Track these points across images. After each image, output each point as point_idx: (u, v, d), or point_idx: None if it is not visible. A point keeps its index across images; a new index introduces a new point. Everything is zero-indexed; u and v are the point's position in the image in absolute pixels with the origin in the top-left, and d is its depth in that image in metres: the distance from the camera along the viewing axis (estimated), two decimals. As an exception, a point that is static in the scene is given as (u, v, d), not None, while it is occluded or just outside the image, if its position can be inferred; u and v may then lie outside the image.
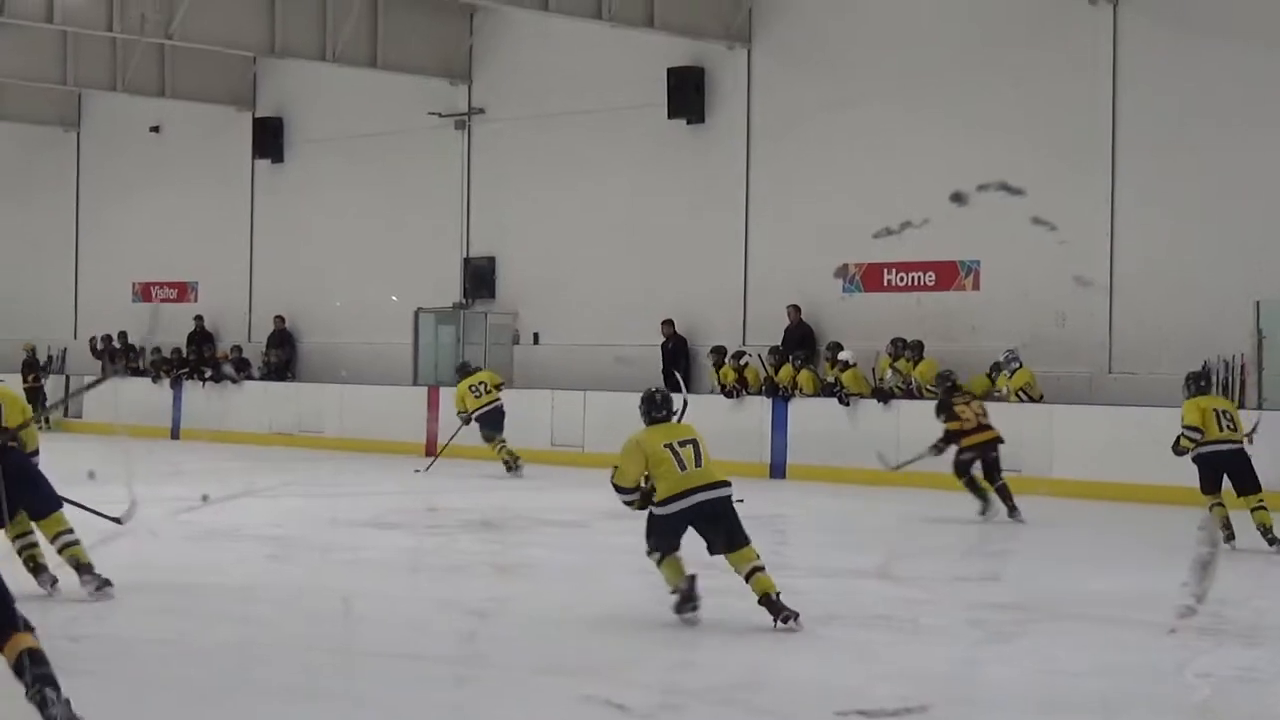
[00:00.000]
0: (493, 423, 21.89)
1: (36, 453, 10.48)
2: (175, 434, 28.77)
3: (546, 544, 14.53)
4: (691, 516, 10.11)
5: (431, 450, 24.29)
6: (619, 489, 10.29)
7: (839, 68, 23.32)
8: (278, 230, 30.33)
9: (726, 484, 10.24)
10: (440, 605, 10.86)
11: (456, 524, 16.18)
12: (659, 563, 10.27)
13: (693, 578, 10.18)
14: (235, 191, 30.95)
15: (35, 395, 30.08)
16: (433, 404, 25.24)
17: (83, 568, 10.40)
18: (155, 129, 32.23)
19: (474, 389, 22.00)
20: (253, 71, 30.30)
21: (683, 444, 10.22)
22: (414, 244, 28.00)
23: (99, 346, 31.57)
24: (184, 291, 31.98)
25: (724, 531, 10.10)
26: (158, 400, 29.21)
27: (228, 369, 28.48)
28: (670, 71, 24.56)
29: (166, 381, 29.38)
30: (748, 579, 10.06)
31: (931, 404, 17.81)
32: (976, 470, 16.76)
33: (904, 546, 14.79)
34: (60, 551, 10.43)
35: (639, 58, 24.84)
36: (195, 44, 25.63)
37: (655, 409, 10.46)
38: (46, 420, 29.53)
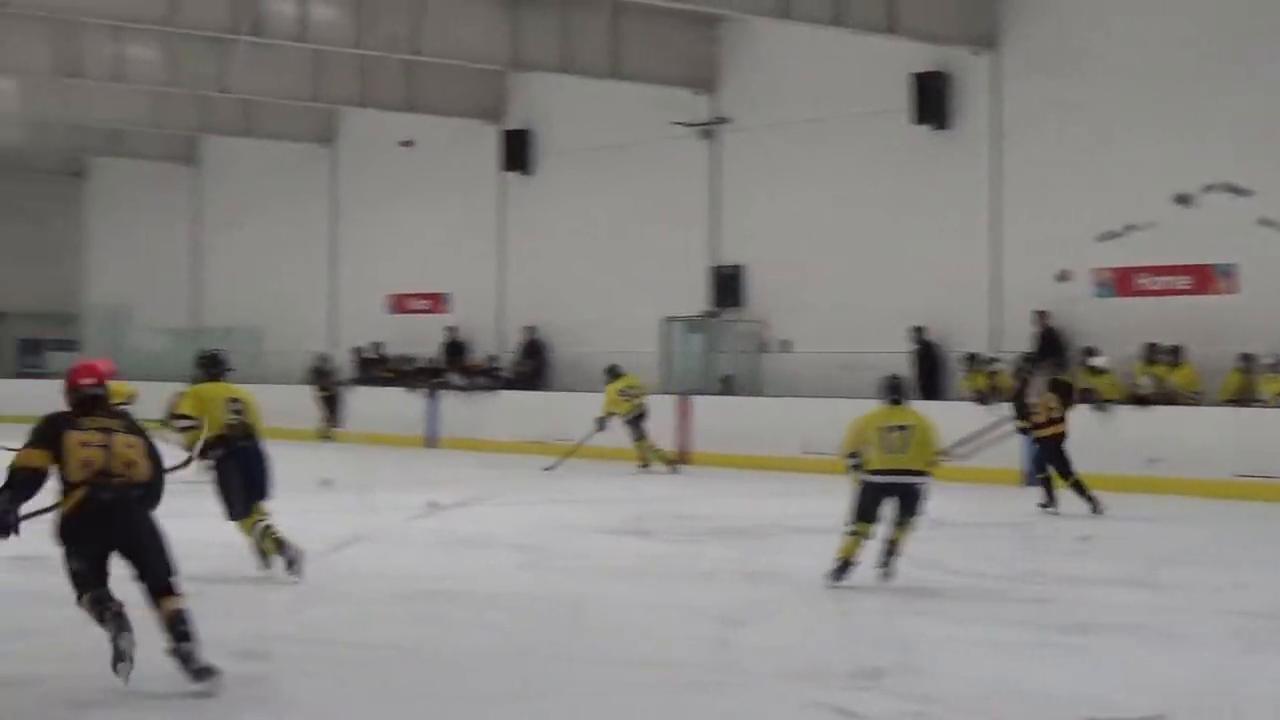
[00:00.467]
0: (640, 425, 23.16)
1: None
2: (431, 443, 29.09)
3: (795, 551, 14.44)
4: (881, 493, 11.61)
5: (684, 459, 24.38)
6: (844, 455, 11.88)
7: (1085, 71, 22.94)
8: (527, 241, 30.59)
9: (921, 474, 11.67)
10: (688, 612, 10.85)
11: (705, 531, 16.17)
12: (849, 532, 11.62)
13: (850, 565, 11.58)
14: (485, 203, 31.25)
15: (331, 403, 30.81)
16: (683, 413, 25.26)
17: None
18: (407, 143, 32.66)
19: (623, 393, 23.30)
20: (502, 85, 30.57)
21: (895, 429, 11.68)
22: (661, 253, 28.06)
23: (360, 356, 32.05)
24: (436, 303, 32.43)
25: (905, 508, 11.65)
26: (413, 410, 29.49)
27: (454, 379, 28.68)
28: (914, 77, 24.32)
29: (422, 391, 29.63)
30: (892, 541, 11.70)
31: (1190, 409, 17.49)
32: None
33: (1158, 551, 14.47)
34: (261, 535, 11.53)
35: (882, 64, 24.67)
36: (441, 59, 25.90)
37: (884, 393, 12.05)
38: (331, 429, 30.44)
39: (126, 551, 7.98)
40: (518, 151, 30.41)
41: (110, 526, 7.91)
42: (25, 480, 7.80)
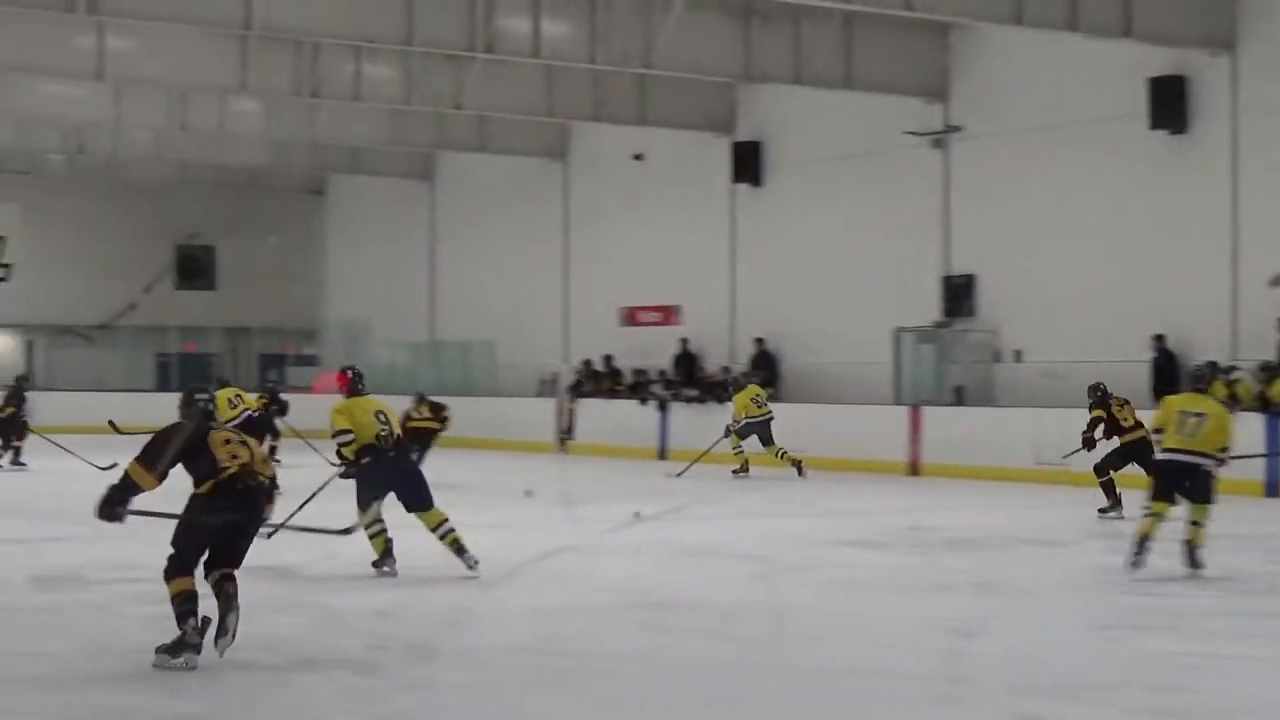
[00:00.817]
0: (767, 432, 23.87)
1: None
2: (662, 455, 29.17)
3: (1029, 563, 14.32)
4: (1174, 473, 12.63)
5: (915, 470, 24.31)
6: (1151, 431, 13.44)
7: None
8: (757, 253, 30.62)
9: (1209, 457, 12.59)
10: (920, 624, 10.81)
11: (939, 542, 16.07)
12: (1147, 513, 12.55)
13: (1146, 543, 12.47)
14: (716, 215, 31.33)
15: (565, 415, 31.14)
16: (915, 424, 25.13)
17: (462, 550, 12.19)
18: (638, 157, 32.92)
19: (755, 400, 24.14)
20: (731, 97, 30.66)
21: (1193, 415, 12.67)
22: (892, 263, 27.95)
23: (589, 369, 32.31)
24: (668, 315, 32.59)
25: (1194, 491, 12.59)
26: (644, 422, 29.64)
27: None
28: (1151, 81, 23.94)
29: (653, 403, 29.77)
30: (1191, 529, 12.61)
31: None
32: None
33: None
34: (442, 539, 12.23)
35: (1117, 68, 24.33)
36: (673, 72, 26.02)
37: (1189, 381, 13.83)
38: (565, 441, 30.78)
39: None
40: (748, 163, 30.49)
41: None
42: None
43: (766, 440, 23.93)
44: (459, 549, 12.21)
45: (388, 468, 12.31)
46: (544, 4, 24.46)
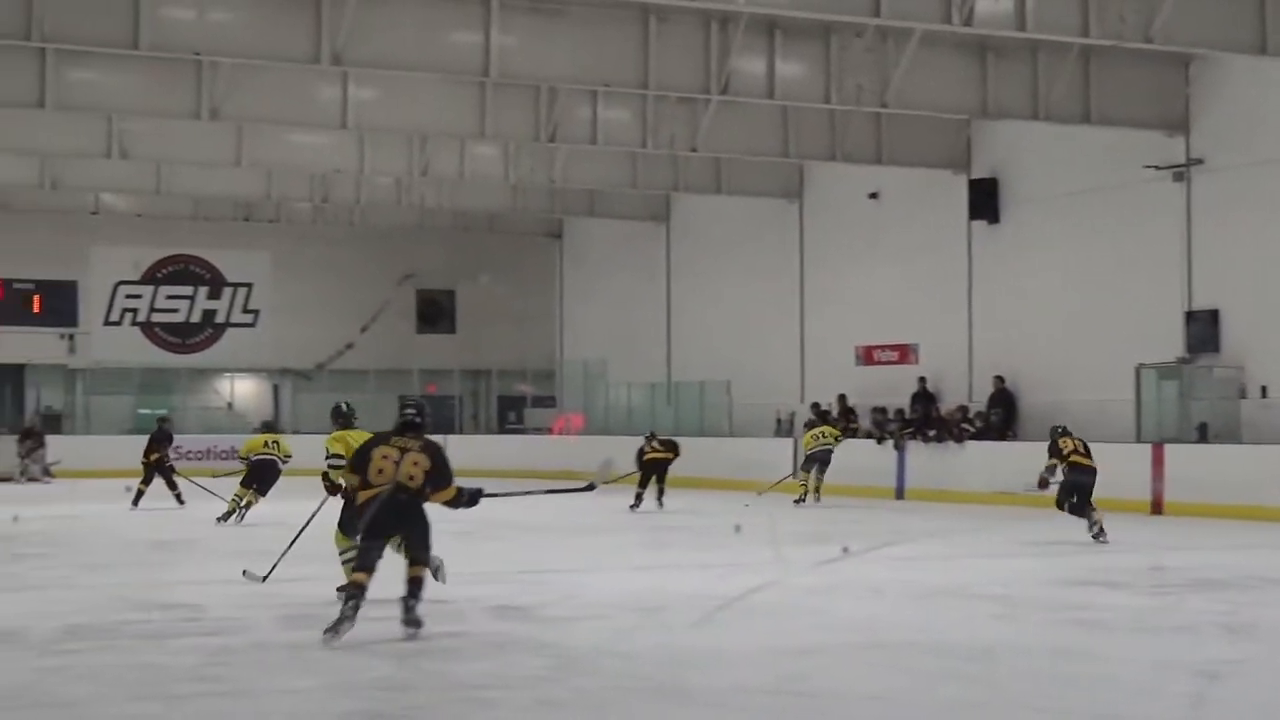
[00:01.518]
0: (825, 462, 27.11)
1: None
2: (900, 494, 28.98)
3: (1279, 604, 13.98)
4: None
5: (1158, 508, 23.91)
6: None
7: None
8: (995, 290, 30.35)
9: None
10: (1167, 667, 10.61)
11: (1184, 583, 15.77)
12: None
13: None
14: (952, 253, 31.15)
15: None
16: (1157, 461, 24.68)
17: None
18: (873, 195, 32.80)
19: (815, 436, 27.61)
20: (967, 133, 30.41)
21: None
22: (1133, 298, 27.54)
23: (817, 410, 32.15)
24: (904, 354, 32.39)
25: None
26: (882, 462, 29.50)
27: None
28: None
29: (890, 443, 29.60)
30: None
31: None
32: None
33: None
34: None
35: (1368, 94, 23.70)
36: (909, 110, 25.91)
37: None
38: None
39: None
40: (984, 200, 30.19)
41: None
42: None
43: (822, 470, 27.16)
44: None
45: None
46: (778, 45, 24.51)
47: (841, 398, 32.34)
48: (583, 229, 42.56)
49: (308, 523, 14.74)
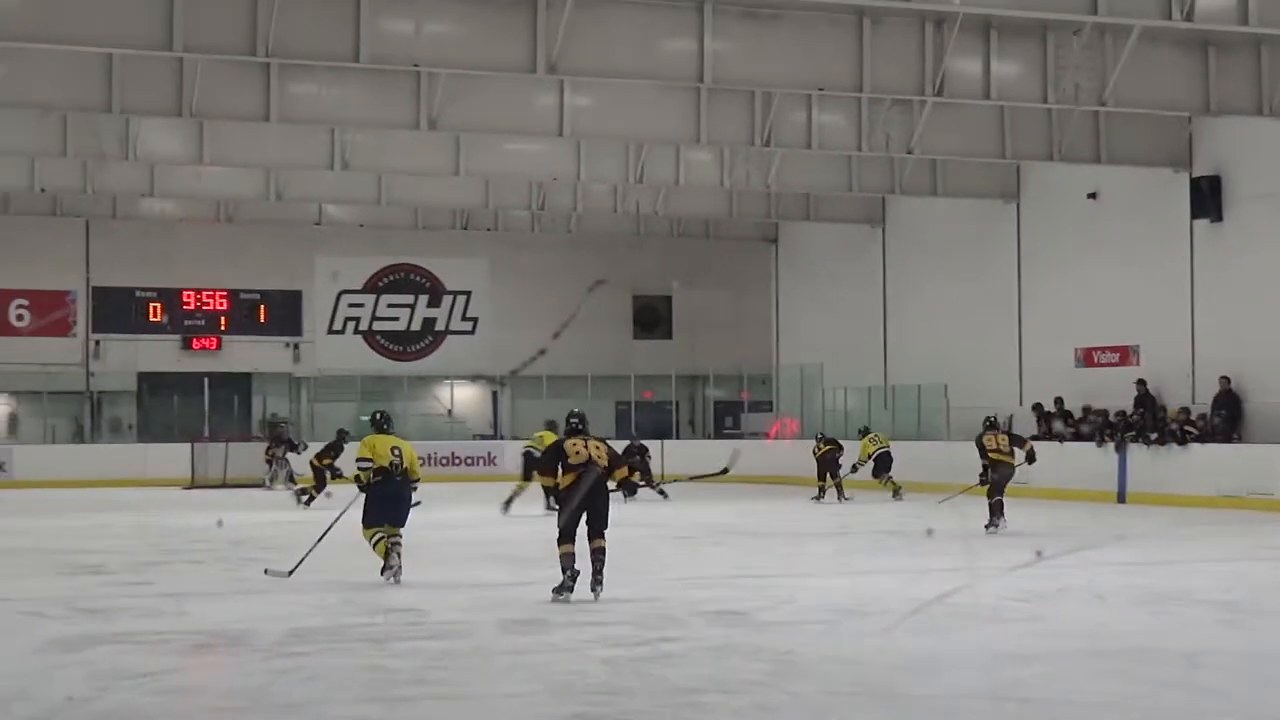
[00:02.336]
0: (886, 465, 30.67)
1: (418, 480, 15.23)
2: (1121, 498, 28.56)
3: None
4: None
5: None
6: None
7: None
8: (1219, 290, 29.72)
9: None
10: (1402, 675, 10.32)
11: None
12: None
13: None
14: (1174, 252, 30.56)
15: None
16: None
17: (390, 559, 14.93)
18: (1092, 196, 32.27)
19: (873, 440, 30.98)
20: (1187, 131, 29.78)
21: None
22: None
23: (1041, 412, 31.70)
24: (1125, 355, 31.87)
25: None
26: (1103, 464, 29.10)
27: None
28: None
29: (1111, 445, 29.17)
30: None
31: None
32: None
33: None
34: (391, 547, 14.92)
35: None
36: (1129, 108, 25.45)
37: None
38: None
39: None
40: (1206, 198, 29.52)
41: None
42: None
43: (882, 473, 30.78)
44: (388, 555, 14.97)
45: (389, 490, 14.99)
46: (994, 45, 24.19)
47: (1058, 400, 31.79)
48: (798, 233, 42.26)
49: (336, 520, 15.73)
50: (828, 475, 30.28)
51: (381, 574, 14.87)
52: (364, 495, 15.05)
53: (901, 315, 38.50)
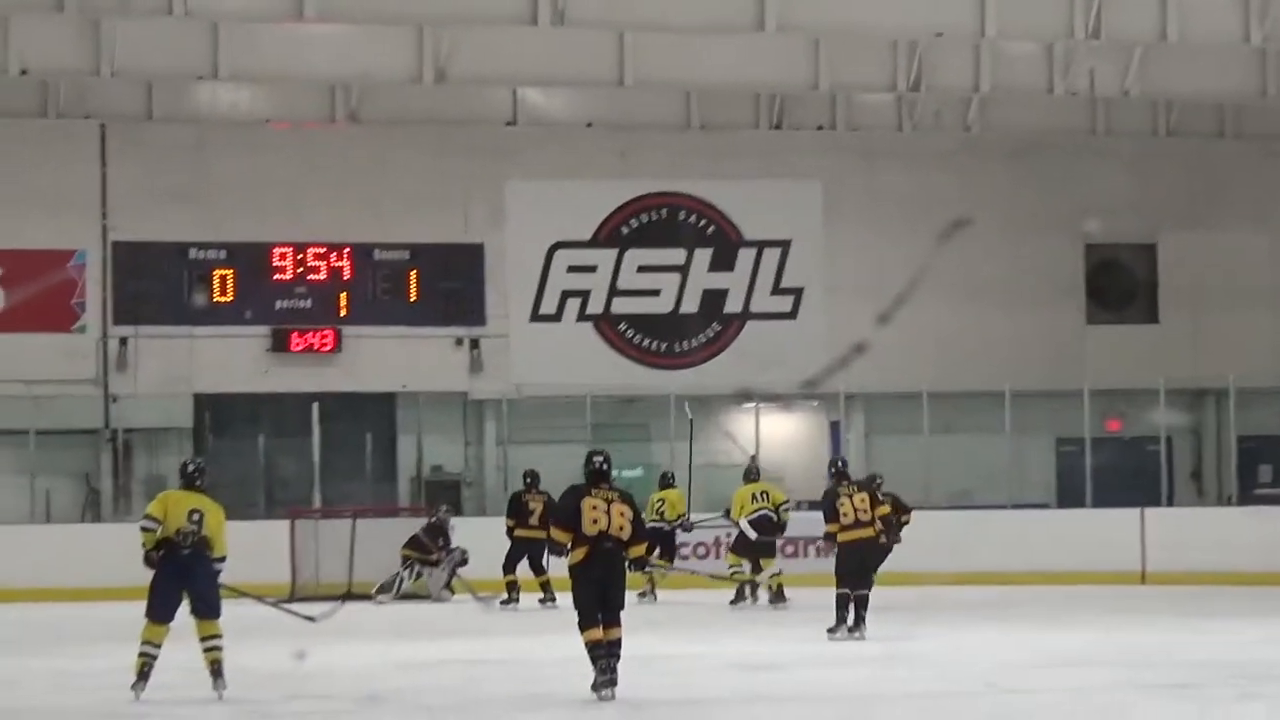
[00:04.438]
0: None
1: (222, 559, 13.07)
2: None
3: None
4: None
5: None
6: None
7: None
8: None
9: None
10: None
11: None
12: None
13: None
14: None
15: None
16: None
17: (216, 671, 12.94)
18: None
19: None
20: None
21: None
22: None
23: None
24: None
25: None
26: None
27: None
28: None
29: None
30: None
31: None
32: None
33: None
34: (205, 653, 12.93)
35: None
36: None
37: None
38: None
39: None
40: None
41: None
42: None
43: None
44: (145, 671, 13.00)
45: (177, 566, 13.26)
46: None
47: None
48: None
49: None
50: None
51: (132, 689, 12.53)
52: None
53: None
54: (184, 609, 12.53)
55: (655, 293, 29.72)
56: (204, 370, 28.26)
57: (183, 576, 12.51)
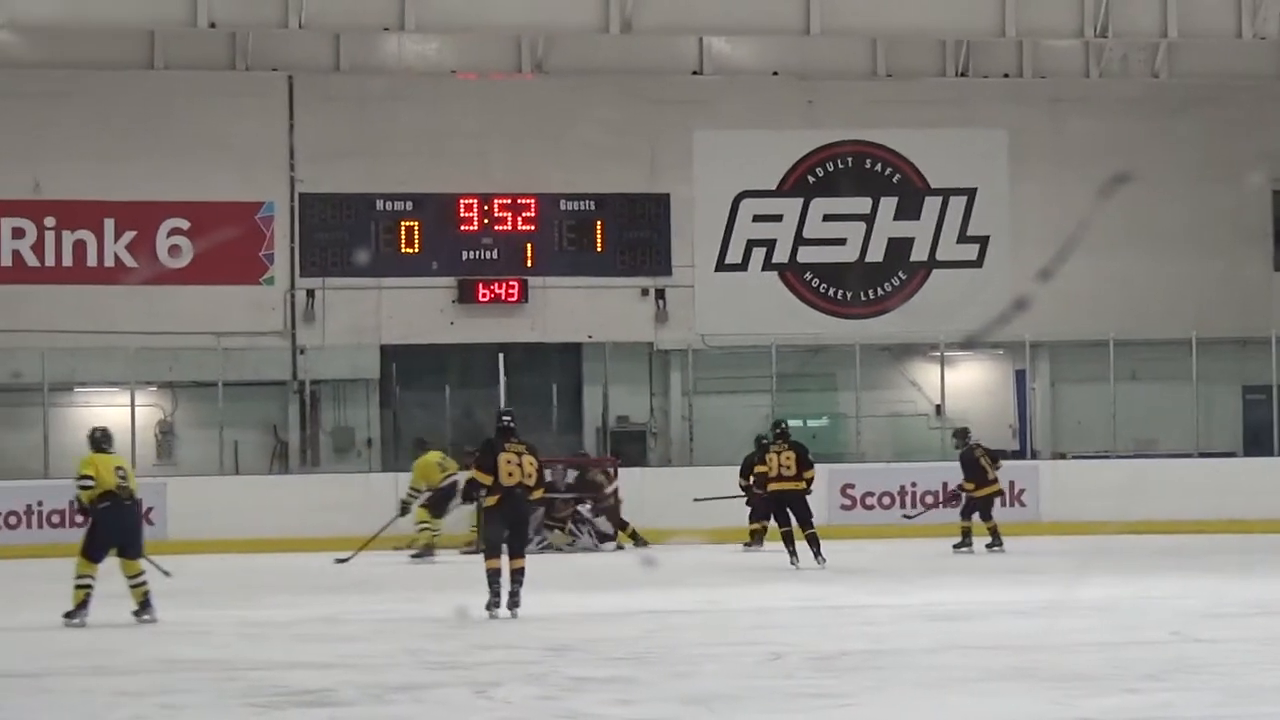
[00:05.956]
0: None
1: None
2: None
3: None
4: None
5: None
6: None
7: None
8: None
9: None
10: None
11: None
12: None
13: None
14: None
15: None
16: None
17: (145, 604, 14.46)
18: None
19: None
20: None
21: None
22: None
23: None
24: None
25: None
26: None
27: None
28: None
29: None
30: None
31: None
32: None
33: None
34: (134, 589, 14.48)
35: None
36: None
37: None
38: None
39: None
40: None
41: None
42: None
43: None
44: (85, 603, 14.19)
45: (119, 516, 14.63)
46: None
47: None
48: None
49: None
50: None
51: (65, 617, 14.01)
52: (91, 523, 14.45)
53: None
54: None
55: (841, 241, 28.80)
56: (390, 322, 27.67)
57: (123, 523, 14.27)
